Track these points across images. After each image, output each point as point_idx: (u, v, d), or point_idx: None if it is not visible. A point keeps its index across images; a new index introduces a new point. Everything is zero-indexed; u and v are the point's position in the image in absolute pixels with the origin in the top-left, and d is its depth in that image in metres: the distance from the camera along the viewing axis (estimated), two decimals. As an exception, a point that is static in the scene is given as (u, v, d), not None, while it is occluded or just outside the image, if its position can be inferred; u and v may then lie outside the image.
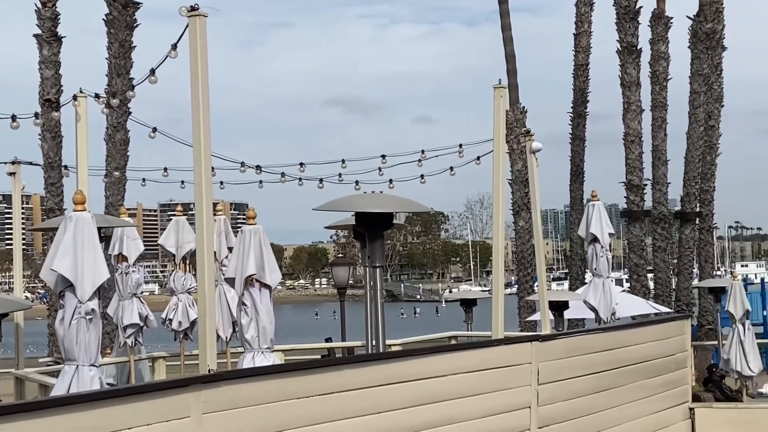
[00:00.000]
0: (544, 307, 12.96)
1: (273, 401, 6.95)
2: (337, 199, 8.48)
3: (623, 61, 26.50)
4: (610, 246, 14.38)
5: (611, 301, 13.50)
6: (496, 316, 9.81)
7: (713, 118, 28.88)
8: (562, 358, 9.89)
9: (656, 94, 27.06)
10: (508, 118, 26.46)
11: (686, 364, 12.56)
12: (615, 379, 10.75)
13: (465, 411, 8.57)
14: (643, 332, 11.98)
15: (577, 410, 10.03)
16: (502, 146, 10.13)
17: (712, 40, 28.18)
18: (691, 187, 28.13)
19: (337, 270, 21.44)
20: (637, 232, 27.16)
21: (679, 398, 12.18)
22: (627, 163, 26.78)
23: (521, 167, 25.48)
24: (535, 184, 13.10)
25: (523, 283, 27.43)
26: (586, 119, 28.47)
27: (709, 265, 29.87)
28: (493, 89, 10.10)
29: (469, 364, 8.72)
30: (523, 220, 26.60)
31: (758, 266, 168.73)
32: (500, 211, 10.23)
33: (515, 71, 27.37)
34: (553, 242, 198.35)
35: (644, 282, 27.05)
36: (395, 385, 7.96)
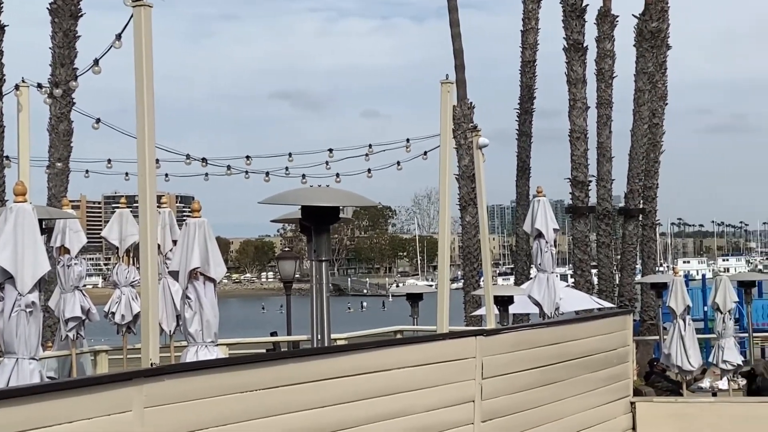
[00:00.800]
0: (489, 302, 13.07)
1: (216, 395, 6.91)
2: (283, 192, 8.45)
3: (569, 59, 26.78)
4: (555, 242, 14.53)
5: (555, 296, 13.65)
6: (441, 311, 9.85)
7: (657, 116, 29.31)
8: (506, 353, 9.95)
9: (602, 92, 27.39)
10: (456, 113, 26.57)
11: (628, 359, 12.72)
12: (558, 373, 10.85)
13: (409, 405, 8.59)
14: (586, 327, 12.11)
15: (521, 404, 10.11)
16: (449, 141, 10.17)
17: (657, 39, 28.58)
18: (634, 184, 28.53)
19: (284, 264, 21.39)
20: (582, 228, 27.46)
21: (620, 392, 12.33)
22: (572, 160, 27.07)
23: (468, 163, 25.64)
24: (481, 179, 13.18)
25: (469, 277, 27.60)
26: (533, 115, 28.74)
27: (651, 261, 30.31)
28: (441, 84, 10.14)
29: (413, 359, 8.73)
30: (470, 215, 26.77)
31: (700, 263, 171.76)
32: (446, 206, 10.27)
33: (463, 67, 27.51)
34: (500, 237, 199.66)
35: (588, 277, 27.37)
36: (340, 379, 7.95)
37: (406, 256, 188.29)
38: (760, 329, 31.04)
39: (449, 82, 10.13)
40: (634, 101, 28.36)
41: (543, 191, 14.06)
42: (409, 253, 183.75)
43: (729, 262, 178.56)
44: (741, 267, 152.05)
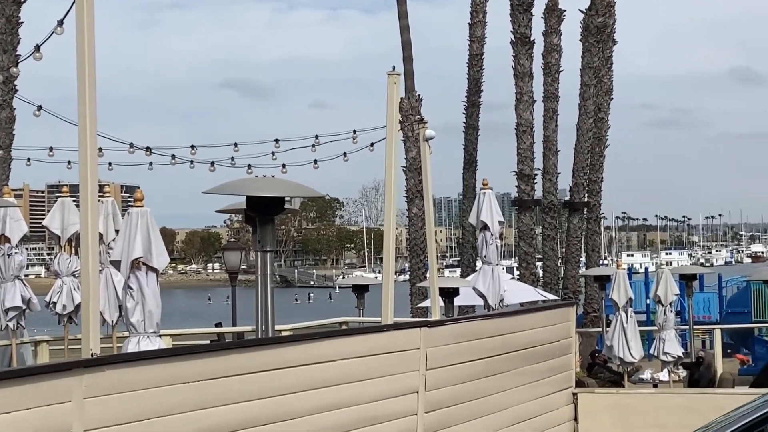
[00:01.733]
0: (434, 294, 13.13)
1: (158, 386, 6.85)
2: (228, 182, 8.40)
3: (516, 52, 26.92)
4: (501, 235, 14.63)
5: (500, 288, 13.76)
6: (386, 302, 9.87)
7: (602, 110, 29.61)
8: (449, 344, 10.00)
9: (548, 86, 27.60)
10: (404, 105, 26.61)
11: (570, 350, 12.85)
12: (501, 364, 10.93)
13: (353, 396, 8.60)
14: (530, 319, 12.21)
15: (464, 395, 10.16)
16: (395, 133, 10.18)
17: (603, 34, 28.86)
18: (579, 177, 28.81)
19: (229, 255, 21.27)
20: (527, 221, 27.67)
21: (563, 383, 12.45)
22: (519, 153, 27.25)
23: (416, 155, 25.67)
24: (427, 171, 13.22)
25: (415, 269, 27.68)
26: (480, 109, 28.86)
27: (595, 254, 30.66)
28: (387, 75, 10.14)
29: (358, 350, 8.74)
30: (417, 207, 26.82)
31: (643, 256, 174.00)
32: (392, 198, 10.29)
33: (411, 59, 27.54)
34: (447, 230, 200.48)
35: (533, 270, 27.60)
36: (284, 369, 7.93)
37: (354, 247, 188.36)
38: (701, 322, 31.58)
39: (396, 74, 10.14)
40: (579, 95, 28.63)
41: (489, 184, 14.16)
42: (357, 245, 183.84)
43: (672, 255, 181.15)
44: (683, 260, 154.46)
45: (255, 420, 7.60)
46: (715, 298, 34.88)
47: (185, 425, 6.97)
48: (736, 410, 7.61)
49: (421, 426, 9.33)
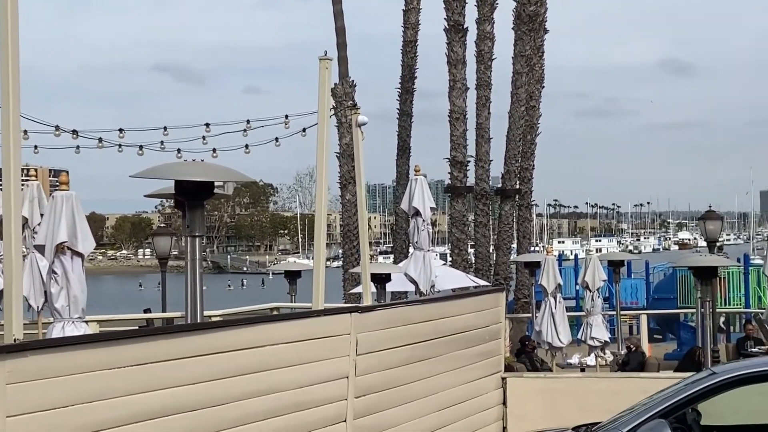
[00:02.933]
0: (365, 280, 13.12)
1: (83, 372, 6.75)
2: (156, 166, 8.27)
3: (450, 40, 27.04)
4: (435, 221, 14.72)
5: (431, 273, 13.83)
6: (317, 288, 9.84)
7: (534, 98, 29.91)
8: (380, 330, 10.02)
9: (481, 73, 27.78)
10: (338, 91, 26.56)
11: (500, 336, 12.96)
12: (432, 349, 10.99)
13: (283, 381, 8.57)
14: (460, 304, 12.28)
15: (394, 380, 10.20)
16: (327, 118, 10.13)
17: (535, 23, 29.11)
18: (511, 164, 29.07)
19: (159, 240, 21.02)
20: (460, 208, 27.86)
21: (492, 368, 12.56)
22: (452, 140, 27.41)
23: (349, 141, 25.64)
24: (359, 157, 13.19)
25: (348, 255, 27.71)
26: (414, 95, 28.93)
27: (527, 241, 30.98)
28: (319, 61, 10.08)
29: (288, 335, 8.71)
30: (350, 193, 26.84)
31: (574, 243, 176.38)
32: (324, 184, 10.25)
33: (345, 45, 27.48)
34: (381, 216, 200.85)
35: (465, 256, 27.81)
36: (213, 355, 7.87)
37: (288, 234, 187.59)
38: (628, 307, 32.20)
39: (327, 59, 10.08)
40: (512, 83, 28.87)
41: (421, 170, 14.20)
42: (291, 231, 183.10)
43: (601, 242, 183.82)
44: (613, 247, 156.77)
45: (183, 406, 7.53)
46: (643, 284, 35.57)
47: (111, 412, 6.88)
48: (659, 393, 7.79)
49: (351, 411, 9.34)
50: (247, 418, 8.10)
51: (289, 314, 12.34)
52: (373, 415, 9.78)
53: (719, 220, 23.13)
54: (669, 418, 7.26)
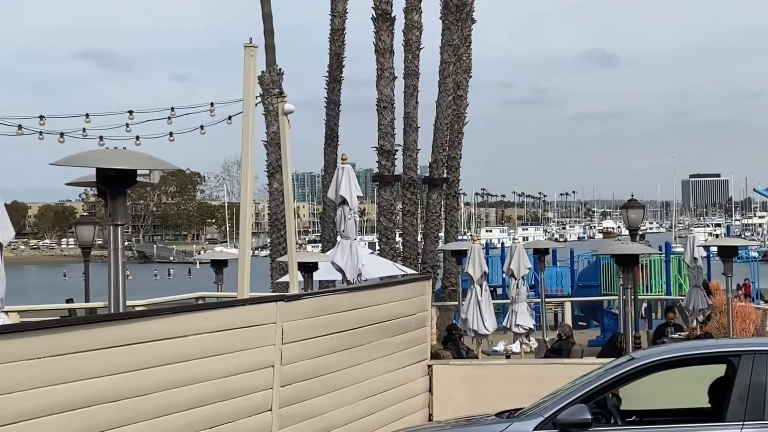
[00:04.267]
0: (292, 269, 13.11)
1: (3, 362, 6.62)
2: (77, 154, 8.11)
3: (378, 28, 27.05)
4: (364, 211, 14.75)
5: (358, 262, 13.86)
6: (242, 277, 9.79)
7: (462, 88, 30.09)
8: (306, 318, 10.00)
9: (409, 62, 27.84)
10: (265, 79, 26.40)
11: (426, 323, 13.05)
12: (358, 337, 11.01)
13: (208, 371, 8.50)
14: (386, 293, 12.31)
15: (320, 368, 10.20)
16: (252, 106, 10.07)
17: (462, 13, 29.26)
18: (439, 153, 29.20)
19: (82, 229, 20.68)
20: (388, 196, 27.93)
21: (418, 356, 12.64)
22: (379, 129, 27.45)
23: (277, 129, 25.43)
24: (286, 146, 13.16)
25: (276, 244, 27.61)
26: (341, 84, 28.88)
27: (454, 230, 31.21)
28: (244, 48, 10.01)
29: (212, 325, 8.64)
30: (278, 182, 26.71)
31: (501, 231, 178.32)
32: (249, 172, 10.20)
33: (272, 32, 27.31)
34: (310, 205, 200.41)
35: (393, 245, 27.90)
36: (136, 345, 7.78)
37: (215, 223, 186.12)
38: (553, 295, 32.69)
39: (253, 46, 10.01)
40: (439, 73, 28.99)
41: (348, 159, 14.20)
42: (218, 220, 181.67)
43: (528, 231, 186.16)
44: (539, 236, 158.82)
45: (105, 396, 7.44)
46: (568, 272, 36.15)
47: (32, 402, 6.77)
48: (580, 378, 7.95)
49: (277, 400, 9.32)
50: (171, 408, 8.04)
51: (213, 303, 12.24)
52: (299, 404, 9.77)
53: (641, 208, 23.57)
54: (589, 403, 7.41)
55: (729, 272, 17.50)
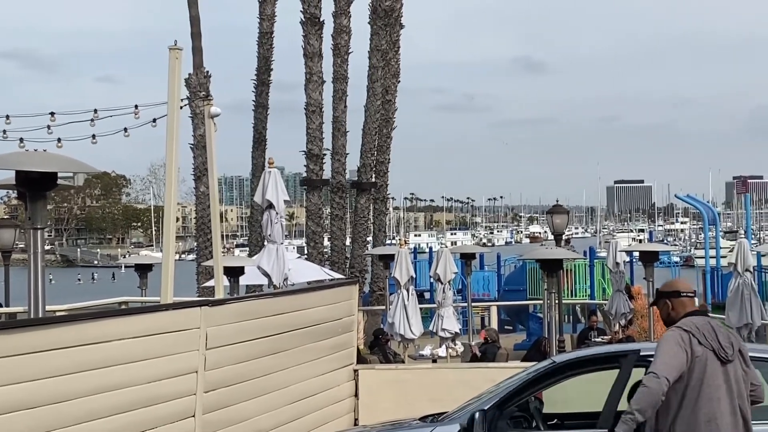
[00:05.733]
0: (218, 273, 13.01)
1: None
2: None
3: (306, 32, 27.01)
4: (293, 215, 14.70)
5: (284, 266, 13.79)
6: (165, 281, 9.68)
7: (390, 92, 30.17)
8: (232, 323, 9.93)
9: (338, 67, 27.84)
10: (192, 82, 26.17)
11: (353, 328, 13.05)
12: (284, 342, 10.97)
13: (130, 377, 8.39)
14: (313, 297, 12.30)
15: (246, 374, 10.14)
16: (177, 109, 9.98)
17: (391, 18, 29.35)
18: (367, 158, 29.24)
19: (1, 232, 20.23)
20: (316, 200, 27.88)
21: (344, 360, 12.64)
22: (308, 133, 27.38)
23: (203, 132, 25.23)
24: (212, 149, 13.06)
25: (202, 248, 27.36)
26: (270, 87, 28.77)
27: (382, 234, 31.25)
28: (169, 50, 9.91)
29: (135, 330, 8.54)
30: (204, 185, 26.47)
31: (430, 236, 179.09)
32: (173, 175, 10.09)
33: (200, 34, 27.09)
34: (238, 209, 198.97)
35: (321, 249, 27.86)
36: (55, 351, 7.65)
37: (141, 226, 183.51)
38: (480, 299, 32.93)
39: (178, 49, 9.91)
40: (368, 77, 29.03)
41: (275, 162, 14.14)
42: (144, 224, 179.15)
43: (457, 235, 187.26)
44: (467, 240, 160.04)
45: (24, 404, 7.30)
46: (494, 277, 36.41)
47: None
48: (504, 382, 8.02)
49: (200, 406, 9.24)
50: (92, 414, 7.92)
51: (136, 308, 12.08)
52: (223, 410, 9.70)
53: (566, 214, 23.89)
54: (511, 406, 7.49)
55: (650, 277, 17.84)
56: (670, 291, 6.97)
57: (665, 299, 6.95)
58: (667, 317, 6.97)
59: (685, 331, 6.57)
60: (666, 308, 6.94)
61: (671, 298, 6.91)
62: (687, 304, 6.91)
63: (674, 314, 6.87)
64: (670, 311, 6.91)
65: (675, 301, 6.89)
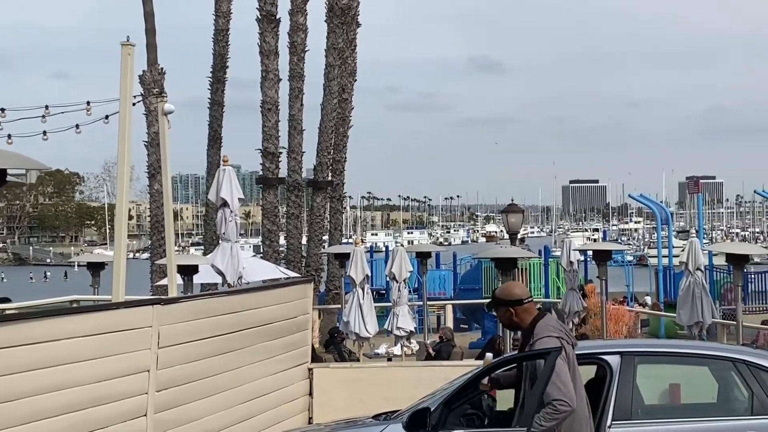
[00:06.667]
0: (171, 271, 12.91)
1: None
2: (-60, 152, 7.84)
3: (262, 30, 26.94)
4: (249, 213, 14.62)
5: (238, 265, 13.72)
6: (117, 279, 9.58)
7: (347, 91, 30.18)
8: (184, 322, 9.85)
9: (294, 65, 27.81)
10: (146, 78, 25.96)
11: (307, 327, 13.00)
12: (238, 341, 10.89)
13: (80, 376, 8.29)
14: (267, 296, 12.23)
15: (199, 372, 10.05)
16: (129, 106, 9.88)
17: (347, 16, 29.35)
18: (324, 157, 29.24)
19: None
20: (272, 199, 27.82)
21: (299, 359, 12.58)
22: (264, 131, 27.33)
23: (158, 129, 25.05)
24: (166, 146, 12.94)
25: (156, 247, 27.19)
26: (225, 85, 28.65)
27: (338, 233, 31.23)
28: (121, 46, 9.81)
29: (85, 328, 8.43)
30: (159, 183, 26.21)
31: (387, 235, 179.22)
32: (125, 173, 10.00)
33: (154, 31, 26.90)
34: (194, 207, 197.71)
35: (276, 247, 27.80)
36: (4, 349, 7.54)
37: (95, 224, 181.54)
38: (436, 298, 33.02)
39: (130, 45, 9.82)
40: (324, 76, 29.02)
41: (229, 160, 14.05)
42: (98, 222, 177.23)
43: (413, 234, 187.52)
44: (424, 239, 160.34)
45: (-31, 404, 7.18)
46: (450, 275, 36.54)
47: None
48: (457, 379, 8.05)
49: (152, 405, 9.15)
50: (40, 414, 7.81)
51: (86, 307, 11.93)
52: (175, 409, 9.61)
53: (521, 213, 24.06)
54: (463, 404, 7.52)
55: (603, 275, 18.02)
56: (512, 300, 7.05)
57: (507, 307, 7.04)
58: (509, 323, 7.15)
59: (557, 338, 6.73)
60: (508, 315, 7.06)
61: (514, 307, 7.01)
62: (531, 309, 7.08)
63: (518, 320, 7.03)
64: (513, 318, 7.04)
65: (518, 308, 7.00)
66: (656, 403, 8.03)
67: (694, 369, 7.97)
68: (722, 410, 7.57)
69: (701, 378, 7.96)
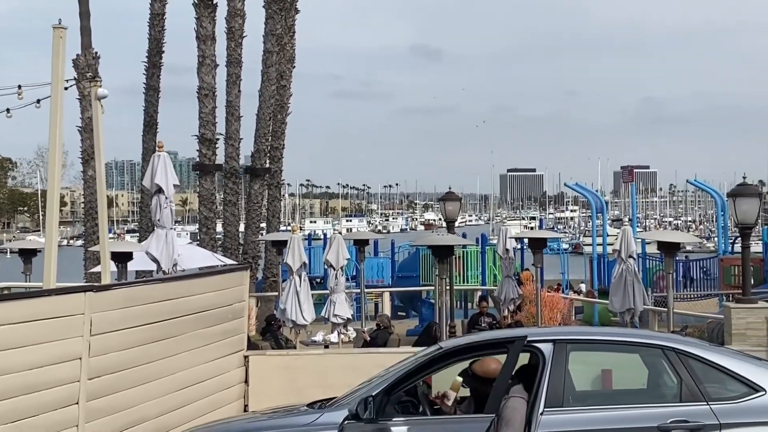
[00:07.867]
0: (104, 258, 12.76)
1: None
2: None
3: (199, 15, 26.63)
4: (186, 200, 14.48)
5: (173, 252, 13.60)
6: (48, 266, 9.43)
7: (285, 78, 30.00)
8: (118, 309, 9.73)
9: (231, 50, 27.53)
10: (80, 62, 25.53)
11: (243, 314, 12.92)
12: (172, 329, 10.79)
13: (10, 363, 8.16)
14: (202, 283, 12.12)
15: (132, 360, 9.95)
16: (61, 90, 9.71)
17: (286, 2, 29.19)
18: (261, 143, 29.04)
19: None
20: (208, 186, 27.57)
21: (234, 347, 12.51)
22: (200, 117, 27.03)
23: (92, 115, 24.69)
24: (99, 132, 12.78)
25: (90, 234, 26.80)
26: (161, 70, 28.28)
27: (276, 220, 31.09)
28: (53, 29, 9.63)
29: (15, 315, 8.29)
30: (92, 169, 25.89)
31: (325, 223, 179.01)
32: (57, 158, 9.82)
33: (88, 14, 26.43)
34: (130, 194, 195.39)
35: (213, 235, 27.56)
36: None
37: (28, 211, 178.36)
38: (374, 285, 33.09)
39: (62, 28, 9.63)
40: (262, 62, 28.81)
41: (164, 146, 13.91)
42: (31, 208, 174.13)
43: (352, 222, 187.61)
44: (363, 227, 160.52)
45: None
46: (388, 263, 36.62)
47: None
48: (393, 367, 8.07)
49: (84, 393, 9.04)
50: (-32, 403, 7.67)
51: (16, 294, 11.75)
52: (108, 396, 9.51)
53: (458, 201, 24.18)
54: (399, 391, 7.54)
55: (538, 263, 18.21)
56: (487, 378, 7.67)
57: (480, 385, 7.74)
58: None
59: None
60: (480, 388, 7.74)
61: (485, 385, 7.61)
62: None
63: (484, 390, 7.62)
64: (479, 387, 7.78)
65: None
66: (588, 390, 8.13)
67: (624, 356, 8.07)
68: (652, 397, 7.68)
69: (632, 365, 8.07)
